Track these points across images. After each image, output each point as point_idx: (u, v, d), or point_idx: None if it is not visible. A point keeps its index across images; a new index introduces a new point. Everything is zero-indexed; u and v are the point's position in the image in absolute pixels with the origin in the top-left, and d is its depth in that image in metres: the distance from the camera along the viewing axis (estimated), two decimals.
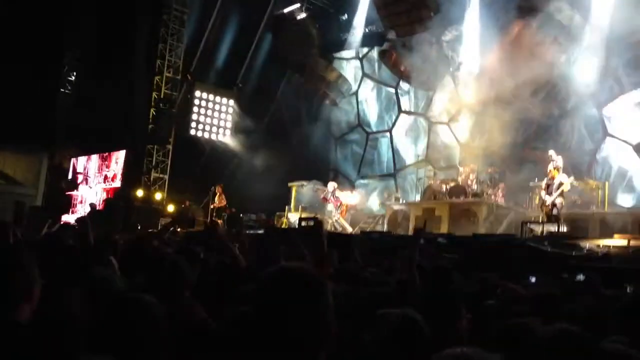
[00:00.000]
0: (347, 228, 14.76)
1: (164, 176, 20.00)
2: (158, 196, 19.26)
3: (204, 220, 16.53)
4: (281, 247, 4.42)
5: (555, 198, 10.96)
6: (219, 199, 16.02)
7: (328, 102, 19.54)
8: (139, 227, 14.39)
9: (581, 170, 13.17)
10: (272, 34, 19.59)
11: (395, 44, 16.99)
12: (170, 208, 18.48)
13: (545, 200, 11.14)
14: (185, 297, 2.84)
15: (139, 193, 18.78)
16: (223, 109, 20.61)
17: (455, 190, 13.76)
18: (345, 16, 19.32)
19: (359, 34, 18.62)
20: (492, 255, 8.04)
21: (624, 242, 9.02)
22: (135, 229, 14.00)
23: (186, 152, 19.68)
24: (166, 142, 19.92)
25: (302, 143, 18.64)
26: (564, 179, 11.01)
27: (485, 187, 13.55)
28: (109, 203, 17.71)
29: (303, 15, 18.57)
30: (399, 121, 18.57)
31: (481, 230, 12.01)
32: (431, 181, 15.40)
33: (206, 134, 20.23)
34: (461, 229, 12.07)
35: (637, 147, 13.09)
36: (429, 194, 14.63)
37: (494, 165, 14.03)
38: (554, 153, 11.41)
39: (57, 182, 20.44)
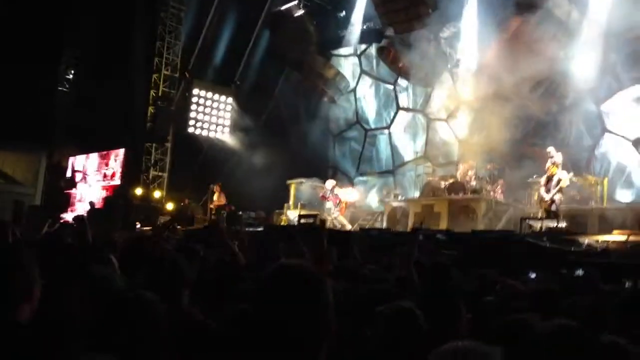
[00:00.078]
0: (347, 225, 14.76)
1: (163, 174, 20.01)
2: (157, 194, 19.27)
3: (204, 218, 16.55)
4: (280, 245, 4.43)
5: (554, 194, 10.97)
6: (219, 197, 16.01)
7: (326, 100, 19.50)
8: (137, 225, 14.39)
9: (580, 166, 13.17)
10: (270, 31, 19.55)
11: (394, 41, 16.96)
12: (170, 206, 18.48)
13: (544, 196, 11.14)
14: (185, 295, 2.84)
15: (137, 191, 18.78)
16: (221, 106, 20.59)
17: (454, 187, 13.75)
18: (343, 13, 19.29)
19: (357, 30, 18.56)
20: (491, 252, 8.05)
21: (623, 238, 9.02)
22: (134, 227, 14.00)
23: (185, 150, 19.67)
24: (165, 140, 19.92)
25: (301, 140, 18.61)
26: (563, 175, 11.01)
27: (484, 183, 13.55)
28: (108, 201, 17.71)
29: (301, 12, 18.51)
30: (397, 118, 18.56)
31: (480, 227, 12.01)
32: (430, 178, 15.39)
33: (204, 132, 20.22)
34: (460, 225, 12.06)
35: (636, 142, 13.09)
36: (428, 190, 14.62)
37: (493, 162, 14.02)
38: (553, 150, 11.41)
39: (56, 181, 20.43)
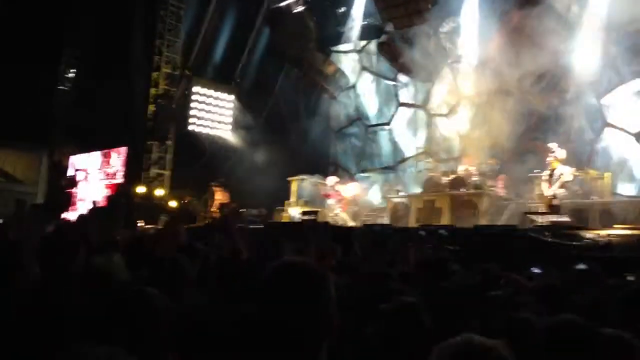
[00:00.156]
0: (349, 222, 14.75)
1: (165, 172, 20.02)
2: (158, 192, 19.28)
3: (205, 216, 16.57)
4: (282, 241, 4.42)
5: (555, 189, 10.94)
6: (222, 195, 16.04)
7: (327, 96, 19.48)
8: (138, 224, 14.40)
9: (581, 160, 13.12)
10: (270, 28, 19.51)
11: (394, 37, 16.93)
12: (173, 204, 18.48)
13: (544, 191, 11.11)
14: (187, 294, 2.83)
15: (139, 189, 18.79)
16: (222, 104, 20.58)
17: (456, 182, 13.73)
18: (343, 9, 19.24)
19: (357, 27, 18.51)
20: (493, 247, 8.04)
21: (626, 232, 8.99)
22: (136, 226, 14.01)
23: (186, 147, 19.68)
24: (165, 138, 19.93)
25: (301, 137, 18.59)
26: (565, 170, 10.98)
27: (486, 178, 13.53)
28: (110, 200, 17.74)
29: (300, 8, 18.49)
30: (398, 114, 18.51)
31: (482, 222, 11.99)
32: (431, 173, 15.37)
33: (205, 130, 20.22)
34: (462, 221, 12.04)
35: (638, 136, 13.06)
36: (430, 186, 14.60)
37: (495, 157, 14.00)
38: (555, 146, 11.34)
39: (57, 180, 20.46)
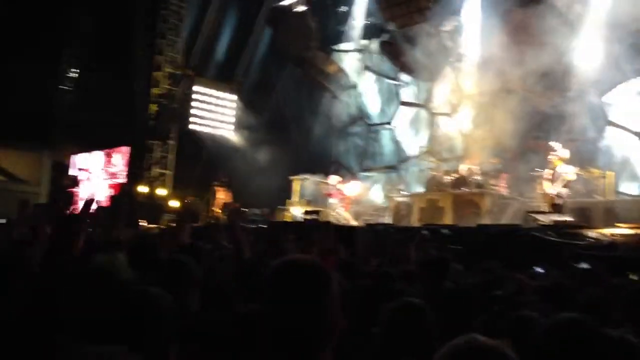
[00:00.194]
0: (351, 221, 14.75)
1: (167, 172, 20.02)
2: (160, 192, 19.27)
3: (207, 216, 16.56)
4: (287, 240, 4.41)
5: (558, 188, 10.92)
6: (224, 194, 16.04)
7: (329, 95, 19.47)
8: (139, 223, 14.38)
9: (584, 159, 13.08)
10: (271, 27, 19.50)
11: (395, 36, 16.92)
12: (176, 204, 18.48)
13: (546, 190, 11.09)
14: (193, 295, 2.81)
15: (142, 189, 18.80)
16: (224, 103, 20.58)
17: (458, 182, 13.71)
18: (344, 8, 19.23)
19: (358, 26, 18.51)
20: (496, 246, 8.02)
21: (629, 231, 8.96)
22: (138, 225, 13.99)
23: (188, 147, 19.69)
24: (167, 137, 19.93)
25: (304, 136, 18.59)
26: (568, 169, 10.96)
27: (488, 177, 13.50)
28: (113, 199, 17.76)
29: (302, 7, 18.47)
30: (400, 113, 18.50)
31: (485, 221, 11.96)
32: (434, 173, 15.35)
33: (207, 129, 20.21)
34: (465, 220, 12.03)
35: None
36: (432, 185, 14.59)
37: (497, 156, 13.98)
38: (558, 145, 11.31)
39: (59, 179, 20.49)
